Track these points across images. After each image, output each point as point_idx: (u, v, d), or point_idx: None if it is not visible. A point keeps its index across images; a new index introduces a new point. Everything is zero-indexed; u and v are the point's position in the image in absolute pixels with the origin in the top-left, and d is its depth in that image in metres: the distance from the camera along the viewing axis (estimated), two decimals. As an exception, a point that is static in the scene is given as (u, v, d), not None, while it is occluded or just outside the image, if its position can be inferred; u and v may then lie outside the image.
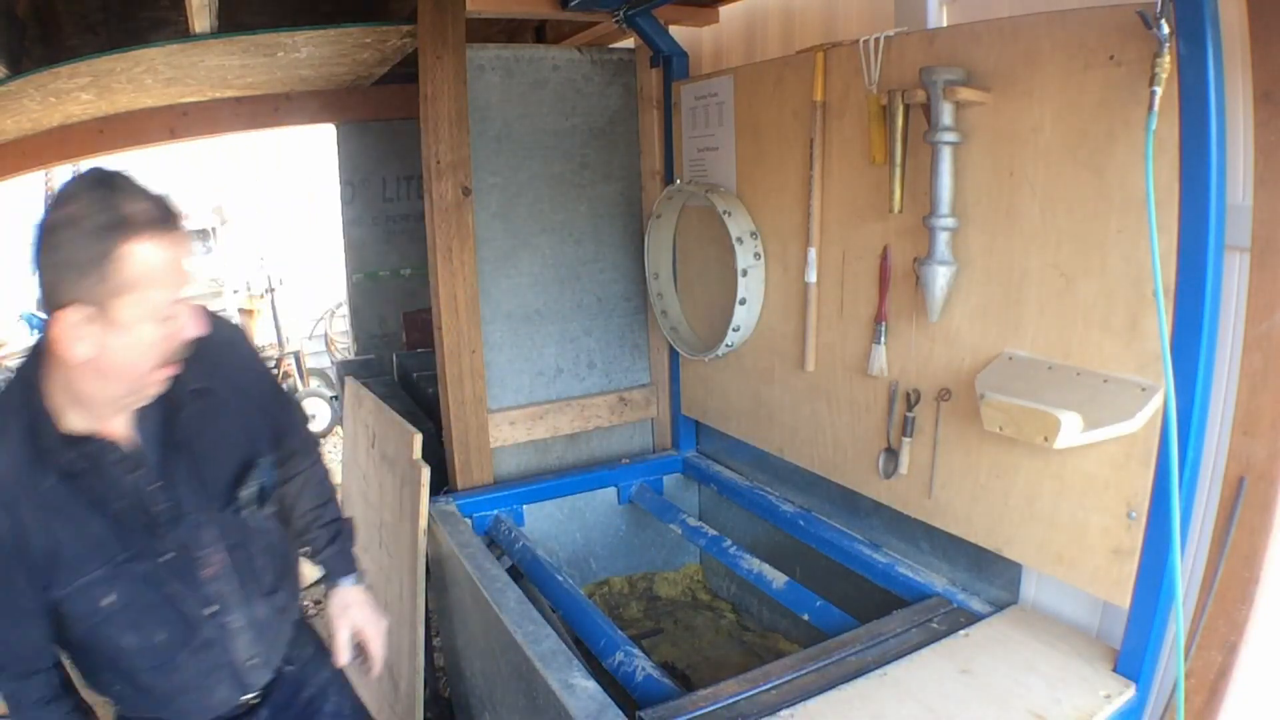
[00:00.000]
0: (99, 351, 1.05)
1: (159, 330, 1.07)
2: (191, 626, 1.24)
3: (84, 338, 1.03)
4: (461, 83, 2.24)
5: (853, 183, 1.79)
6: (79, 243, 1.00)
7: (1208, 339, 1.21)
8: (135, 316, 1.04)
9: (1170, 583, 1.21)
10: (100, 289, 1.01)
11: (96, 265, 1.01)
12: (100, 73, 2.44)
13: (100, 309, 1.02)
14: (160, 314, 1.07)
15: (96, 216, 1.00)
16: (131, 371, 1.09)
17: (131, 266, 1.02)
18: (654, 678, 1.51)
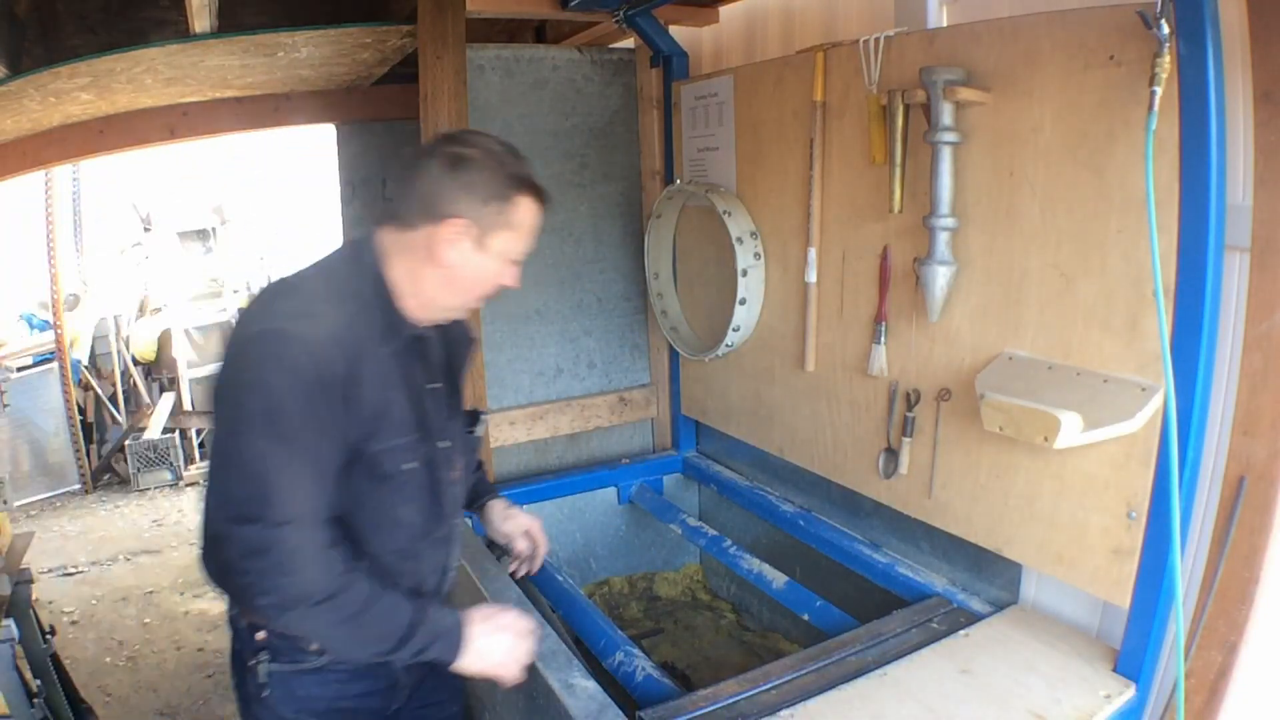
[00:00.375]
0: (461, 262, 1.28)
1: (503, 268, 1.32)
2: (439, 518, 1.40)
3: (458, 246, 1.27)
4: (461, 83, 2.24)
5: (853, 183, 1.79)
6: (492, 177, 1.26)
7: (1208, 339, 1.21)
8: (500, 250, 1.29)
9: (1170, 583, 1.21)
10: (491, 218, 1.27)
11: (497, 199, 1.26)
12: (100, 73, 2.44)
13: (482, 232, 1.27)
14: (511, 256, 1.32)
15: (511, 166, 1.28)
16: (471, 289, 1.33)
17: (520, 213, 1.29)
18: (654, 678, 1.51)
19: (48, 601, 4.03)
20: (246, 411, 1.16)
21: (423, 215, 1.28)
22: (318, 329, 1.20)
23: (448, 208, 1.26)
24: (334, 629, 1.22)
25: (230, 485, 1.17)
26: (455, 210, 1.26)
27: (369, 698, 1.45)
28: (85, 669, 3.40)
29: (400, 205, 1.31)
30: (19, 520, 5.12)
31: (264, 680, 1.36)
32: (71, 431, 5.72)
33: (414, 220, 1.29)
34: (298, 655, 1.36)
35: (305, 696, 1.38)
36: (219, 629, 3.77)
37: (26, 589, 2.46)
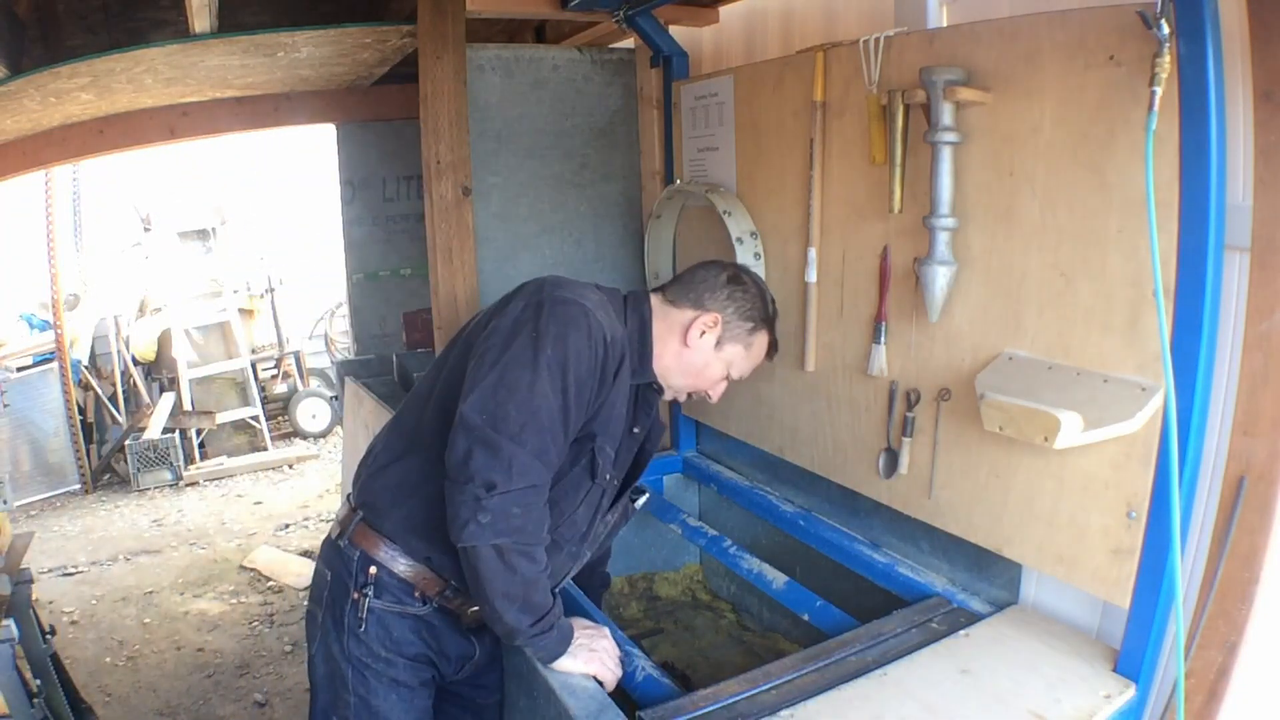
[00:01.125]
0: (694, 349, 1.56)
1: (720, 374, 1.61)
2: (580, 537, 1.57)
3: (700, 335, 1.56)
4: (461, 83, 2.24)
5: (853, 183, 1.79)
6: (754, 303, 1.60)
7: (1208, 339, 1.21)
8: (726, 358, 1.59)
9: (1170, 583, 1.21)
10: (736, 330, 1.58)
11: (749, 320, 1.59)
12: (100, 73, 2.44)
13: (723, 334, 1.57)
14: (730, 369, 1.61)
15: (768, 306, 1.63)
16: (694, 376, 1.59)
17: (756, 341, 1.61)
18: (654, 678, 1.51)
19: (48, 601, 4.03)
20: (543, 355, 1.32)
21: (691, 301, 1.57)
22: (612, 328, 1.43)
23: (712, 304, 1.56)
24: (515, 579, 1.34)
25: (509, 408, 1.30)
26: (718, 308, 1.56)
27: (445, 659, 1.56)
28: (85, 669, 3.41)
29: (675, 286, 1.61)
30: (19, 520, 5.12)
31: (363, 615, 1.45)
32: (71, 431, 5.72)
33: (682, 302, 1.58)
34: (405, 599, 1.48)
35: (400, 639, 1.48)
36: (219, 629, 3.77)
37: (26, 589, 2.47)
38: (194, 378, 6.29)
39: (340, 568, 1.49)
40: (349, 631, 1.47)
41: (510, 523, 1.29)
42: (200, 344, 6.47)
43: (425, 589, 1.48)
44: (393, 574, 1.46)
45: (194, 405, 6.21)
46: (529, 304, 1.39)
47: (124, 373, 6.30)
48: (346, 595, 1.47)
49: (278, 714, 3.10)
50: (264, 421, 6.44)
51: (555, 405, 1.32)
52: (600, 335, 1.38)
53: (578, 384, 1.35)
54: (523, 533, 1.31)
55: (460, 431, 1.30)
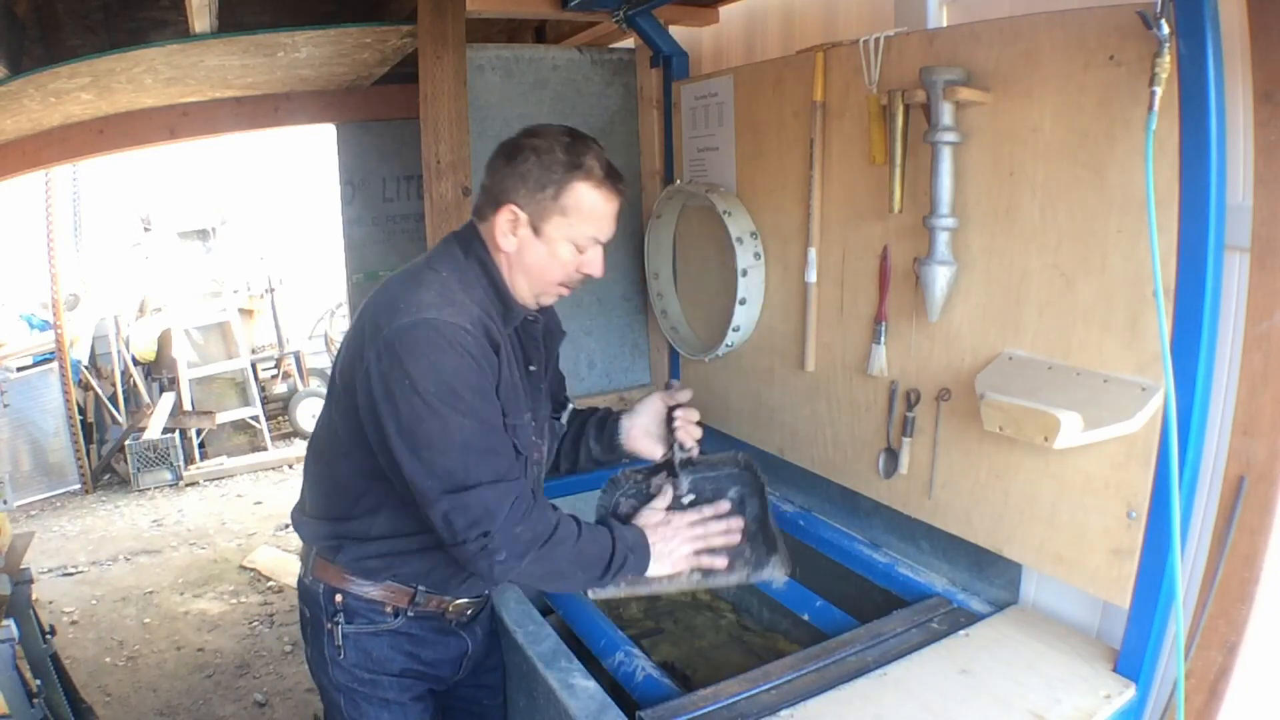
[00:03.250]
0: (521, 248, 1.38)
1: (570, 253, 1.39)
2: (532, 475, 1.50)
3: (510, 234, 1.37)
4: (461, 83, 2.24)
5: (853, 183, 1.79)
6: (544, 163, 1.34)
7: (1208, 339, 1.21)
8: (559, 235, 1.37)
9: (1170, 583, 1.21)
10: (542, 205, 1.35)
11: (548, 185, 1.33)
12: (100, 73, 2.44)
13: (532, 218, 1.36)
14: (576, 242, 1.38)
15: (562, 155, 1.34)
16: (542, 275, 1.40)
17: (573, 198, 1.35)
18: (654, 678, 1.51)
19: (48, 601, 4.03)
20: (428, 395, 1.24)
21: (489, 205, 1.39)
22: (464, 315, 1.30)
23: (504, 195, 1.36)
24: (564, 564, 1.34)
25: (442, 462, 1.25)
26: (509, 197, 1.36)
27: (440, 665, 1.55)
28: (85, 669, 3.41)
29: (478, 198, 1.44)
30: (19, 520, 5.12)
31: (340, 643, 1.46)
32: (71, 431, 5.72)
33: (485, 211, 1.40)
34: (376, 617, 1.46)
35: (380, 658, 1.47)
36: (219, 629, 3.77)
37: (26, 589, 2.47)
38: (194, 378, 6.29)
39: (311, 603, 1.51)
40: (331, 661, 1.48)
41: (521, 542, 1.29)
42: (200, 344, 6.48)
43: (395, 602, 1.47)
44: (359, 597, 1.46)
45: (194, 405, 6.21)
46: (381, 351, 1.28)
47: (124, 373, 6.30)
48: (322, 628, 1.48)
49: (278, 714, 3.10)
50: (264, 421, 6.45)
51: (473, 426, 1.27)
52: (460, 338, 1.27)
53: (475, 393, 1.28)
54: (537, 539, 1.31)
55: (426, 506, 1.28)
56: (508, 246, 1.38)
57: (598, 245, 1.41)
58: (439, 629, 1.54)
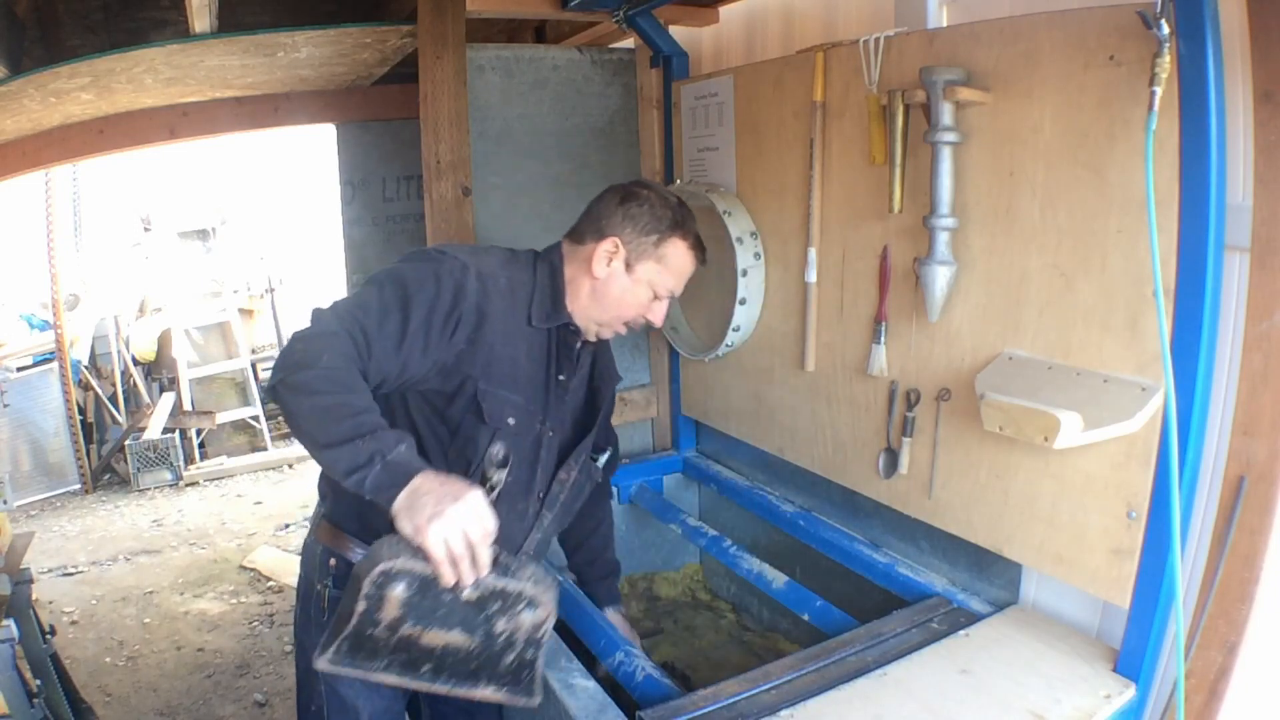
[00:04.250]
0: (605, 280, 1.51)
1: (646, 296, 1.54)
2: (529, 492, 1.54)
3: (606, 263, 1.50)
4: (461, 83, 2.24)
5: (853, 183, 1.79)
6: (655, 214, 1.51)
7: (1208, 339, 1.21)
8: (645, 278, 1.52)
9: (1170, 583, 1.21)
10: (642, 247, 1.51)
11: (653, 234, 1.51)
12: (100, 73, 2.44)
13: (629, 255, 1.50)
14: (655, 288, 1.54)
15: (674, 213, 1.54)
16: (615, 308, 1.53)
17: (669, 250, 1.53)
18: (654, 678, 1.51)
19: (48, 601, 4.03)
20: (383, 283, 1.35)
21: (591, 233, 1.52)
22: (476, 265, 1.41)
23: (609, 229, 1.51)
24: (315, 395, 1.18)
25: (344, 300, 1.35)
26: (615, 232, 1.50)
27: None
28: (85, 669, 3.41)
29: (579, 224, 1.57)
30: (19, 520, 5.12)
31: (325, 605, 1.48)
32: (71, 431, 5.72)
33: (584, 237, 1.54)
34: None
35: None
36: (219, 629, 3.77)
37: (26, 589, 2.47)
38: (194, 378, 6.29)
39: (308, 564, 1.56)
40: (314, 622, 1.51)
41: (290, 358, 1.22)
42: (200, 344, 6.47)
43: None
44: (350, 564, 1.46)
45: (194, 405, 6.21)
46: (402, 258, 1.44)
47: (124, 373, 6.30)
48: (312, 588, 1.52)
49: (278, 714, 3.10)
50: (264, 421, 6.44)
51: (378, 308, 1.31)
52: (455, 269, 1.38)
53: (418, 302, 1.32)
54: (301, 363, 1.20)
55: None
56: (600, 273, 1.50)
57: (668, 298, 1.58)
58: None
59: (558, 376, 1.53)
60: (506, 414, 1.45)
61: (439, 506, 1.11)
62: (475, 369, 1.41)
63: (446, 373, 1.40)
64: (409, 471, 1.15)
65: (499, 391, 1.44)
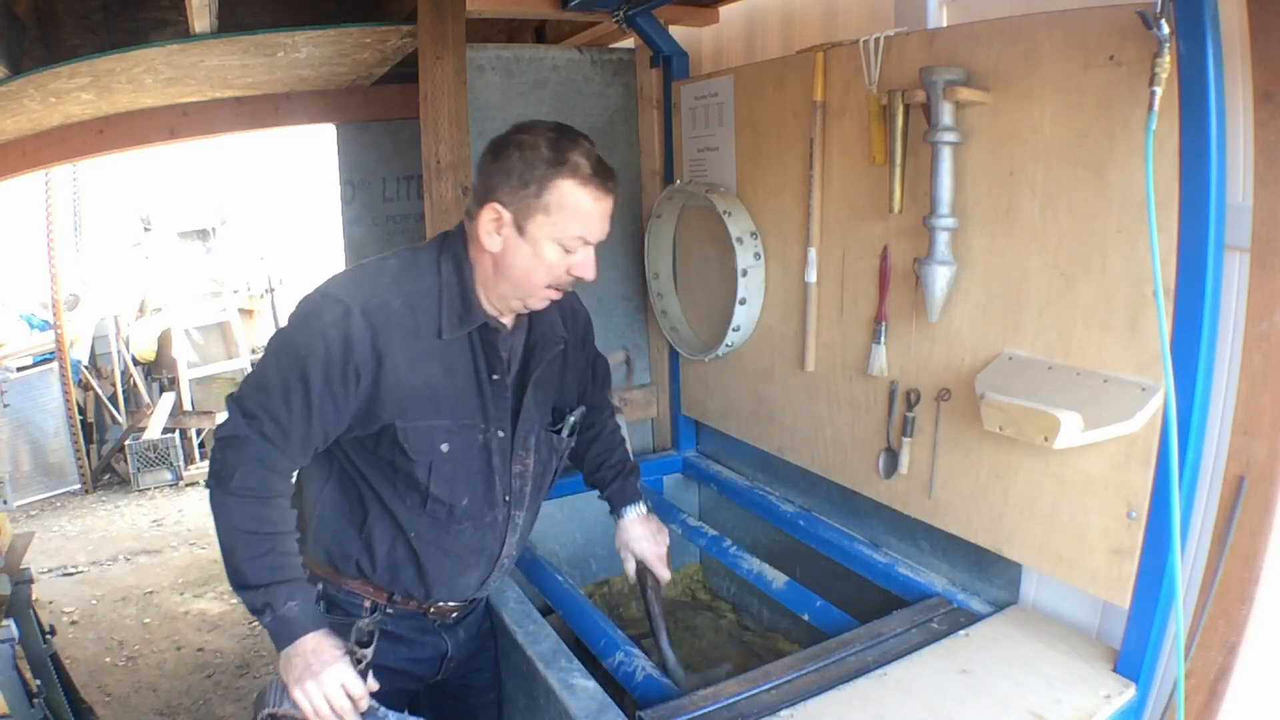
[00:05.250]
0: (503, 248, 1.32)
1: (555, 256, 1.32)
2: (491, 503, 1.46)
3: (494, 233, 1.32)
4: (461, 83, 2.24)
5: (853, 183, 1.79)
6: (527, 160, 1.28)
7: (1208, 339, 1.21)
8: (543, 235, 1.30)
9: (1170, 583, 1.21)
10: (525, 202, 1.29)
11: (530, 183, 1.28)
12: (100, 73, 2.44)
13: (516, 216, 1.30)
14: (562, 241, 1.31)
15: (546, 151, 1.28)
16: (525, 277, 1.34)
17: (555, 193, 1.28)
18: (654, 678, 1.51)
19: (48, 601, 4.03)
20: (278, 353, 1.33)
21: (476, 202, 1.35)
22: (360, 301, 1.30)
23: (489, 193, 1.31)
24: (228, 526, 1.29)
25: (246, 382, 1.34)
26: (494, 195, 1.31)
27: (418, 663, 1.54)
28: (85, 669, 3.40)
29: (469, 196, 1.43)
30: (19, 520, 5.12)
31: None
32: (71, 431, 5.72)
33: (471, 209, 1.36)
34: (355, 611, 1.45)
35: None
36: (219, 629, 3.77)
37: (26, 589, 2.47)
38: (194, 378, 6.29)
39: None
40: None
41: (213, 464, 1.31)
42: (200, 344, 6.47)
43: (374, 597, 1.47)
44: (340, 587, 1.46)
45: (194, 405, 6.21)
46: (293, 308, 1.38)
47: (124, 373, 6.30)
48: None
49: (278, 714, 3.10)
50: (264, 421, 6.42)
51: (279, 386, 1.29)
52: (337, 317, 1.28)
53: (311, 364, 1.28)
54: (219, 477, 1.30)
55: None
56: (491, 246, 1.32)
57: (587, 246, 1.34)
58: (419, 628, 1.53)
59: (491, 377, 1.41)
60: (436, 442, 1.37)
61: (305, 672, 1.24)
62: (388, 411, 1.33)
63: (365, 420, 1.34)
64: (291, 634, 1.26)
65: (420, 424, 1.35)
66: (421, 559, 1.44)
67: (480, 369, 1.40)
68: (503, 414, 1.44)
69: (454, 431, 1.38)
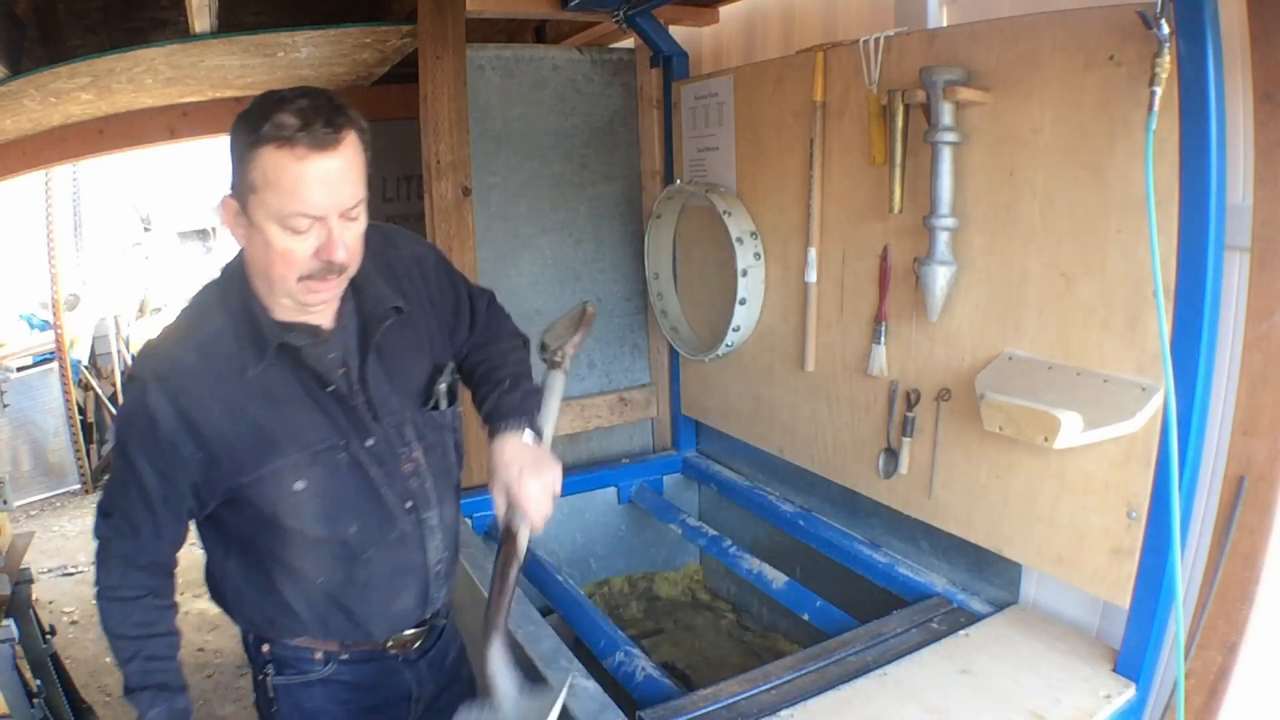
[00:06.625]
0: (246, 243, 1.15)
1: (286, 239, 1.09)
2: (389, 518, 1.27)
3: (234, 226, 1.14)
4: (461, 83, 2.24)
5: (853, 183, 1.79)
6: (236, 138, 1.09)
7: (1208, 339, 1.21)
8: (262, 218, 1.09)
9: (1170, 583, 1.21)
10: (241, 187, 1.10)
11: (238, 165, 1.09)
12: (100, 73, 2.44)
13: (243, 202, 1.10)
14: (283, 222, 1.08)
15: (254, 119, 1.06)
16: (264, 270, 1.14)
17: (260, 170, 1.06)
18: (654, 678, 1.51)
19: (48, 601, 4.02)
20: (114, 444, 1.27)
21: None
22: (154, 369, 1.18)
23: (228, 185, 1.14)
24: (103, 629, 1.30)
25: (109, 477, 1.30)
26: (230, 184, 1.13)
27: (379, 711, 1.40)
28: (85, 669, 3.40)
29: None
30: (19, 520, 5.12)
31: (272, 694, 1.35)
32: (71, 431, 5.71)
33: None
34: (303, 666, 1.34)
35: (313, 710, 1.35)
36: (219, 629, 3.77)
37: (26, 589, 2.46)
38: (194, 378, 6.28)
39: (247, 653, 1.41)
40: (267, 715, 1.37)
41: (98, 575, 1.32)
42: (200, 344, 6.47)
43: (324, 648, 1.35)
44: (286, 645, 1.34)
45: (194, 405, 6.20)
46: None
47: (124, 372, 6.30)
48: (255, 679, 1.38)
49: (278, 714, 3.10)
50: (264, 421, 6.43)
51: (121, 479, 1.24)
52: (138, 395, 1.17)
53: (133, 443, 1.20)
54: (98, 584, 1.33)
55: None
56: (240, 243, 1.16)
57: (318, 222, 1.08)
58: (381, 669, 1.38)
59: (326, 390, 1.21)
60: (289, 484, 1.20)
61: None
62: (227, 470, 1.19)
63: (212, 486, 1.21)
64: None
65: (263, 471, 1.19)
66: (343, 602, 1.30)
67: (311, 387, 1.20)
68: (360, 422, 1.23)
69: (307, 464, 1.21)
